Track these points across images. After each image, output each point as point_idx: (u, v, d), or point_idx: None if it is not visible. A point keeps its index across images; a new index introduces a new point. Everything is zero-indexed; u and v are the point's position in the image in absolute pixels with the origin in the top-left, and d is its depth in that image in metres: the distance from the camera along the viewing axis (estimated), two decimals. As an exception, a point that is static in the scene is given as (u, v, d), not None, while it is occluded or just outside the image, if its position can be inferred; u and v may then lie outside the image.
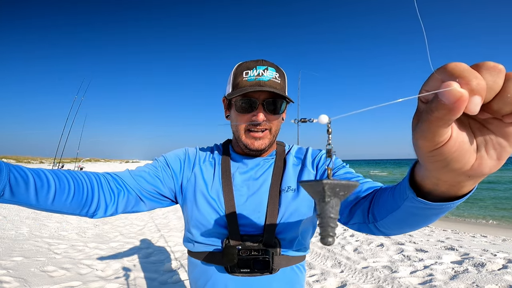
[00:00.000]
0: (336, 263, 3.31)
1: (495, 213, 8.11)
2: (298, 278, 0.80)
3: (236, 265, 0.71)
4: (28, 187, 0.54)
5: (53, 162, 10.07)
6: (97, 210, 0.67)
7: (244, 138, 0.78)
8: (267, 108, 0.75)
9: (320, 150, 0.86)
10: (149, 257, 3.42)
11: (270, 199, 0.76)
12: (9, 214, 5.32)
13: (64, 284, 2.54)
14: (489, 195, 11.53)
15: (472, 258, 3.26)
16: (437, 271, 2.93)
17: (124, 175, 0.75)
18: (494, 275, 2.74)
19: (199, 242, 0.78)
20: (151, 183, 0.77)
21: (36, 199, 0.55)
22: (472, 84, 0.23)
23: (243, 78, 0.75)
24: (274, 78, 0.75)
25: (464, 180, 0.31)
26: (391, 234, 0.57)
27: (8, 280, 2.52)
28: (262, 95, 0.75)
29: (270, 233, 0.73)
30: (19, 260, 3.04)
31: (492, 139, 0.28)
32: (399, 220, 0.50)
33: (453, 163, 0.28)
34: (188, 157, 0.85)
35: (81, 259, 3.24)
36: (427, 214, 0.42)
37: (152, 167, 0.80)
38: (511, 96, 0.24)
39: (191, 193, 0.80)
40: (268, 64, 0.77)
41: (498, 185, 15.37)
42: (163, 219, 5.77)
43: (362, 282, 2.77)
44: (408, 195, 0.40)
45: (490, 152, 0.28)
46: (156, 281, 2.75)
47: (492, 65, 0.24)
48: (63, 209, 0.61)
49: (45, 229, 4.54)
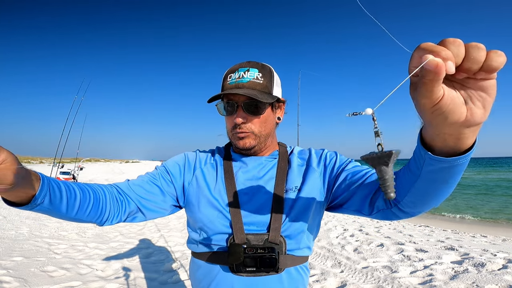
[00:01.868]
0: (336, 263, 3.31)
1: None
2: (302, 279, 0.79)
3: (242, 263, 0.70)
4: (62, 197, 0.59)
5: (53, 162, 10.07)
6: (108, 219, 0.71)
7: (232, 138, 0.80)
8: (246, 110, 0.75)
9: (323, 150, 0.86)
10: (149, 257, 3.42)
11: (274, 198, 0.76)
12: (9, 214, 5.32)
13: (64, 284, 2.54)
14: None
15: (472, 258, 3.26)
16: (437, 271, 2.93)
17: (124, 186, 0.77)
18: (494, 275, 2.74)
19: (203, 242, 0.77)
20: (150, 192, 0.78)
21: (66, 208, 0.60)
22: (442, 54, 0.33)
23: (227, 82, 0.77)
24: (256, 78, 0.75)
25: (464, 131, 0.39)
26: (415, 212, 0.60)
27: (8, 280, 2.52)
28: (241, 97, 0.75)
29: (276, 231, 0.73)
30: (19, 260, 3.04)
31: (474, 93, 0.37)
32: (420, 193, 0.54)
33: (451, 115, 0.37)
34: (188, 162, 0.85)
35: (81, 259, 3.24)
36: (445, 177, 0.47)
37: (151, 176, 0.82)
38: (474, 57, 0.34)
39: (193, 196, 0.80)
40: (252, 65, 0.77)
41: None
42: (163, 219, 5.77)
43: (362, 282, 2.77)
44: (425, 158, 0.46)
45: (476, 103, 0.37)
46: (156, 281, 2.75)
47: (452, 40, 0.34)
48: (83, 217, 0.65)
49: (45, 229, 4.54)
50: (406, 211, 0.61)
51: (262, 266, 0.70)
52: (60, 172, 9.48)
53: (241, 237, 0.72)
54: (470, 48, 0.34)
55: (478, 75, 0.35)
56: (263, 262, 0.69)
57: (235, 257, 0.69)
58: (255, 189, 0.78)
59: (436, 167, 0.46)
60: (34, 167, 13.62)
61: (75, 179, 9.58)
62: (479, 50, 0.34)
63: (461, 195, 11.94)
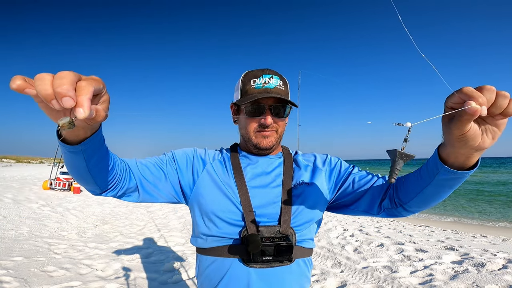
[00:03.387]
0: (336, 263, 3.31)
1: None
2: (308, 271, 0.84)
3: (260, 252, 0.73)
4: (101, 148, 0.61)
5: (53, 162, 10.06)
6: (109, 189, 0.71)
7: (254, 138, 0.85)
8: (274, 112, 0.83)
9: (326, 154, 0.95)
10: (149, 257, 3.42)
11: (283, 191, 0.81)
12: (9, 214, 5.32)
13: (64, 284, 2.54)
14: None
15: (472, 258, 3.26)
16: (437, 271, 2.93)
17: (131, 163, 0.78)
18: (494, 275, 2.74)
19: (214, 235, 0.79)
20: (154, 175, 0.80)
21: (105, 151, 0.62)
22: (479, 101, 0.43)
23: (251, 86, 0.83)
24: (279, 85, 0.84)
25: (474, 153, 0.52)
26: (417, 211, 0.73)
27: (8, 280, 2.52)
28: (270, 100, 0.83)
29: (286, 223, 0.77)
30: (19, 260, 3.04)
31: (489, 127, 0.48)
32: (426, 196, 0.66)
33: (470, 142, 0.49)
34: (197, 155, 0.88)
35: (81, 259, 3.24)
36: (451, 184, 0.60)
37: (158, 160, 0.83)
38: (500, 105, 0.44)
39: (204, 188, 0.82)
40: (273, 72, 0.85)
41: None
42: (163, 219, 5.77)
43: (362, 282, 2.77)
44: (440, 170, 0.58)
45: (488, 135, 0.49)
46: (156, 281, 2.75)
47: (489, 87, 0.44)
48: (98, 177, 0.65)
49: (45, 229, 4.54)
50: (410, 210, 0.73)
51: (279, 254, 0.73)
52: (60, 172, 9.47)
53: (254, 229, 0.76)
54: (499, 96, 0.44)
55: (497, 117, 0.46)
56: (280, 250, 0.73)
57: (254, 245, 0.71)
58: (264, 183, 0.83)
59: (447, 177, 0.58)
60: (34, 167, 13.62)
61: (75, 179, 9.55)
62: (505, 99, 0.44)
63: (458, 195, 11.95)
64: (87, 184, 0.66)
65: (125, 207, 7.02)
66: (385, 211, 0.77)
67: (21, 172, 16.29)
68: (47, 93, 0.36)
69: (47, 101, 0.37)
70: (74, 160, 0.58)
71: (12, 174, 14.63)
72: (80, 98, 0.37)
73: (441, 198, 0.66)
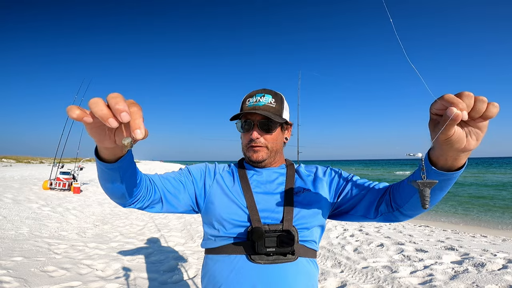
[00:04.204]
0: (336, 263, 3.31)
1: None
2: (314, 273, 0.87)
3: (263, 243, 0.78)
4: (131, 166, 0.68)
5: (53, 162, 10.06)
6: (136, 201, 0.78)
7: (247, 152, 0.93)
8: (261, 128, 0.90)
9: (328, 166, 1.00)
10: (149, 257, 3.42)
11: (286, 196, 0.87)
12: (9, 214, 5.31)
13: (64, 284, 2.54)
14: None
15: (472, 258, 3.26)
16: (437, 271, 2.93)
17: (154, 177, 0.86)
18: (494, 275, 2.74)
19: (223, 235, 0.84)
20: (175, 187, 0.88)
21: (134, 167, 0.69)
22: (460, 106, 0.47)
23: (245, 105, 0.93)
24: (269, 103, 0.91)
25: (461, 155, 0.56)
26: (413, 214, 0.75)
27: (8, 280, 2.52)
28: (257, 117, 0.90)
29: (289, 222, 0.83)
30: (19, 260, 3.04)
31: (472, 130, 0.52)
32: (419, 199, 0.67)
33: (455, 144, 0.52)
34: (209, 169, 0.98)
35: (81, 259, 3.24)
36: (442, 186, 0.62)
37: (177, 174, 0.93)
38: (478, 109, 0.48)
39: (214, 195, 0.90)
40: (266, 91, 0.94)
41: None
42: (163, 219, 5.77)
43: (362, 282, 2.77)
44: (430, 172, 0.60)
45: (472, 137, 0.52)
46: (156, 281, 2.75)
47: (467, 93, 0.48)
48: (127, 191, 0.71)
49: (45, 229, 4.54)
50: (406, 213, 0.76)
51: (282, 245, 0.79)
52: (60, 172, 9.46)
53: (259, 225, 0.82)
54: (477, 101, 0.48)
55: (478, 120, 0.50)
56: (282, 240, 0.79)
57: (258, 234, 0.78)
58: (268, 190, 0.90)
59: (438, 179, 0.61)
60: (34, 167, 13.62)
61: (75, 179, 9.56)
62: (483, 103, 0.48)
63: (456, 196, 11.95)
64: (119, 197, 0.73)
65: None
66: (382, 216, 0.81)
67: (21, 172, 16.28)
68: (104, 113, 0.41)
69: (104, 120, 0.41)
70: (111, 176, 0.65)
71: (12, 174, 14.62)
72: (138, 121, 0.43)
73: (435, 200, 0.69)
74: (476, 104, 0.48)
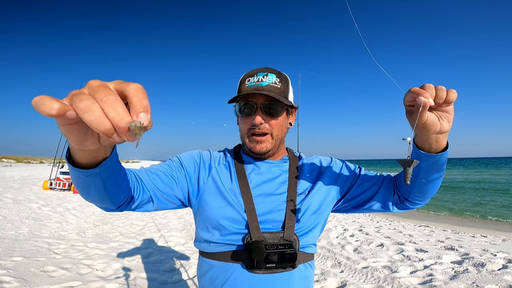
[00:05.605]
0: (336, 263, 3.31)
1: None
2: (311, 274, 0.84)
3: (264, 260, 0.72)
4: (117, 168, 0.57)
5: (53, 162, 10.06)
6: (123, 204, 0.67)
7: (248, 142, 0.82)
8: (265, 111, 0.78)
9: (331, 157, 0.94)
10: (149, 257, 3.42)
11: (288, 199, 0.80)
12: (9, 214, 5.31)
13: (64, 284, 2.54)
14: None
15: (472, 258, 3.26)
16: (437, 271, 2.93)
17: (141, 174, 0.75)
18: (494, 275, 2.74)
19: (218, 242, 0.77)
20: (166, 183, 0.77)
21: (119, 168, 0.58)
22: (425, 95, 0.56)
23: (245, 85, 0.80)
24: (274, 83, 0.79)
25: (439, 136, 0.63)
26: (421, 201, 0.78)
27: (8, 280, 2.52)
28: (260, 99, 0.78)
29: (290, 229, 0.76)
30: (19, 260, 3.04)
31: (442, 114, 0.60)
32: (421, 185, 0.73)
33: (432, 127, 0.60)
34: (203, 160, 0.85)
35: (81, 259, 3.24)
36: (436, 168, 0.68)
37: (167, 167, 0.80)
38: (440, 96, 0.57)
39: (209, 195, 0.80)
40: (270, 70, 0.81)
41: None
42: (163, 219, 5.77)
43: (362, 282, 2.77)
44: (422, 157, 0.66)
45: (444, 120, 0.60)
46: (156, 281, 2.75)
47: (428, 85, 0.57)
48: (113, 195, 0.61)
49: (45, 229, 4.53)
50: (414, 202, 0.79)
51: (283, 261, 0.73)
52: (60, 172, 9.47)
53: (258, 235, 0.74)
54: (438, 90, 0.57)
55: (443, 105, 0.59)
56: (284, 257, 0.72)
57: (258, 252, 0.71)
58: (269, 191, 0.81)
59: (429, 162, 0.67)
60: (34, 167, 13.59)
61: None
62: (442, 91, 0.57)
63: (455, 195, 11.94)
64: (103, 203, 0.62)
65: (125, 207, 7.01)
66: (397, 206, 0.83)
67: (21, 172, 16.29)
68: (107, 128, 0.30)
69: (108, 136, 0.30)
70: (90, 183, 0.53)
71: (12, 174, 14.63)
72: (145, 101, 0.32)
73: (434, 184, 0.73)
74: (437, 93, 0.57)
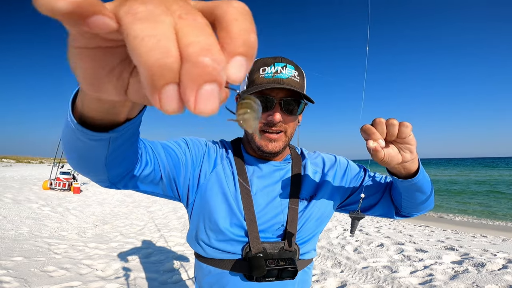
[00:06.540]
0: (336, 263, 3.31)
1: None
2: (308, 277, 0.83)
3: (264, 276, 0.69)
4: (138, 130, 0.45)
5: (53, 162, 10.07)
6: (123, 182, 0.58)
7: (258, 139, 0.73)
8: (284, 108, 0.70)
9: (334, 156, 0.88)
10: (149, 257, 3.42)
11: (290, 206, 0.75)
12: (9, 214, 5.31)
13: (64, 284, 2.54)
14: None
15: (472, 258, 3.26)
16: (437, 271, 2.93)
17: (156, 147, 0.65)
18: (494, 275, 2.74)
19: (215, 248, 0.73)
20: (176, 166, 0.69)
21: (134, 141, 0.48)
22: (374, 137, 0.54)
23: (260, 75, 0.71)
24: (293, 76, 0.71)
25: (405, 165, 0.61)
26: (413, 214, 0.79)
27: (8, 280, 2.52)
28: (280, 93, 0.70)
29: (291, 239, 0.73)
30: (19, 260, 3.04)
31: (401, 146, 0.57)
32: (408, 200, 0.73)
33: (392, 162, 0.57)
34: (209, 152, 0.78)
35: (81, 259, 3.24)
36: (414, 189, 0.67)
37: (179, 149, 0.71)
38: (391, 133, 0.54)
39: (210, 194, 0.73)
40: (287, 61, 0.72)
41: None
42: (163, 219, 5.77)
43: (362, 282, 2.77)
44: (396, 182, 0.68)
45: (405, 151, 0.57)
46: (156, 281, 2.75)
47: (378, 120, 0.54)
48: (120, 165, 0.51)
49: (45, 229, 4.53)
50: (405, 214, 0.81)
51: (283, 277, 0.70)
52: (60, 172, 9.46)
53: (258, 246, 0.71)
54: (388, 126, 0.54)
55: (398, 140, 0.56)
56: (284, 273, 0.70)
57: (259, 270, 0.67)
58: (270, 197, 0.76)
59: (404, 185, 0.66)
60: (34, 167, 13.57)
61: (75, 179, 9.55)
62: (393, 127, 0.53)
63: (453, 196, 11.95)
64: (95, 175, 0.52)
65: (125, 207, 7.01)
66: (397, 215, 0.83)
67: (21, 172, 16.29)
68: (169, 61, 0.16)
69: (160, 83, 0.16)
70: (90, 148, 0.41)
71: (12, 174, 14.63)
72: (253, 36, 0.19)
73: (422, 201, 0.72)
74: (388, 129, 0.53)
